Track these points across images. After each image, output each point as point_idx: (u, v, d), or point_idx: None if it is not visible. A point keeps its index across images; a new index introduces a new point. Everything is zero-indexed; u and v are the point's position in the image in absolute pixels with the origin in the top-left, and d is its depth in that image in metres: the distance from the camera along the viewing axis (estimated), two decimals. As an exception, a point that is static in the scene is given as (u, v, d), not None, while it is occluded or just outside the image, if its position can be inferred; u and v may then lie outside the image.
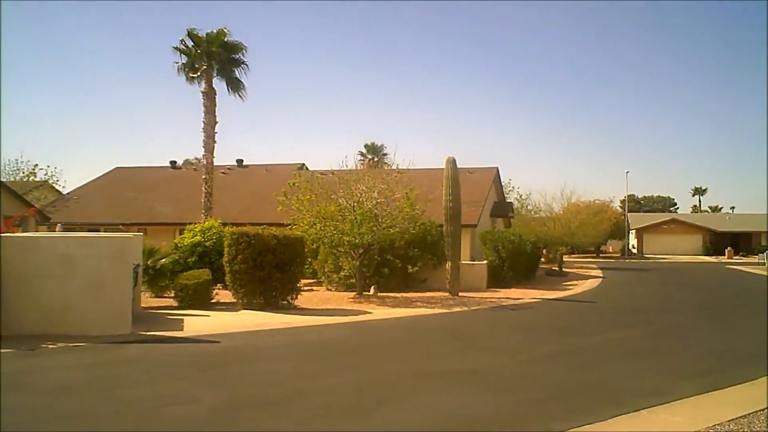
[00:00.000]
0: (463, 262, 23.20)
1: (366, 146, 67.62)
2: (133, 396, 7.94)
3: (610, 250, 71.50)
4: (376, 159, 56.77)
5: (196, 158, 47.23)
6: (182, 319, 14.44)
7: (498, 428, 6.72)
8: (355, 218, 19.29)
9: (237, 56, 28.41)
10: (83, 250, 12.18)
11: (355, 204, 20.21)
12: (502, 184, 41.40)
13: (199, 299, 16.53)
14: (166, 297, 18.35)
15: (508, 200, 43.25)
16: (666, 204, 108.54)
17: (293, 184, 20.70)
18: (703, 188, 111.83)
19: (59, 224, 26.91)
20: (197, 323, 14.09)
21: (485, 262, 25.17)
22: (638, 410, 7.32)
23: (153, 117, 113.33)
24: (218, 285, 18.44)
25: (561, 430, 6.55)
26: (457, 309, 17.83)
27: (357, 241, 19.49)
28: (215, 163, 29.69)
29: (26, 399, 7.68)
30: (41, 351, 10.65)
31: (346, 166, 23.07)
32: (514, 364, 10.33)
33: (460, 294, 21.28)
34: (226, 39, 27.78)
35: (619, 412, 7.21)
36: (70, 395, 7.96)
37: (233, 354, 10.94)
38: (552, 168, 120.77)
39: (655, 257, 63.31)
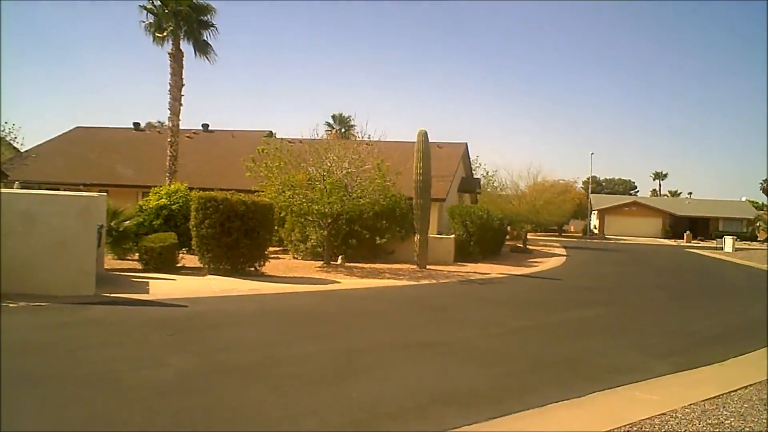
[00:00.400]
0: (431, 235, 23.17)
1: (333, 117, 67.07)
2: (100, 358, 7.67)
3: (572, 230, 72.56)
4: (343, 130, 56.29)
5: (159, 122, 46.08)
6: (147, 282, 14.09)
7: (477, 400, 6.66)
8: (325, 187, 19.02)
9: (206, 18, 27.54)
10: (46, 207, 11.71)
11: (324, 173, 19.93)
12: (470, 160, 41.39)
13: (164, 263, 16.14)
14: (128, 260, 17.92)
15: (476, 176, 43.23)
16: (627, 187, 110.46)
17: (262, 150, 20.29)
18: (664, 173, 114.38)
19: (16, 182, 26.00)
20: (163, 287, 13.76)
21: (453, 236, 25.18)
22: (615, 387, 7.35)
23: (116, 76, 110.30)
24: (183, 249, 18.06)
25: (541, 404, 6.53)
26: (426, 282, 17.81)
27: (326, 210, 19.25)
28: (181, 127, 28.88)
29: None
30: (2, 309, 10.25)
31: (317, 135, 22.75)
32: (488, 336, 10.32)
33: (428, 267, 21.28)
34: (194, 0, 26.94)
35: (597, 388, 7.23)
36: (35, 356, 7.65)
37: (201, 319, 10.69)
38: (517, 147, 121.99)
39: (616, 238, 64.42)
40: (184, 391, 6.57)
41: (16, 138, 43.37)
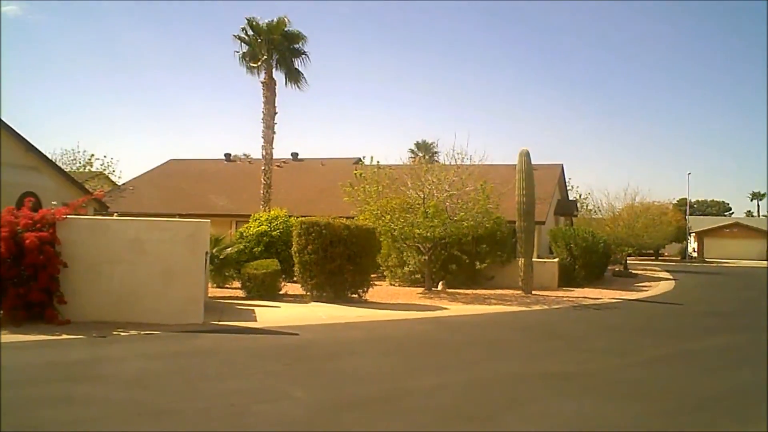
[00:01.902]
0: (534, 259, 22.00)
1: (417, 144, 66.60)
2: (219, 390, 7.12)
3: (667, 254, 68.95)
4: (426, 157, 55.76)
5: (245, 155, 46.54)
6: (253, 310, 13.68)
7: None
8: (427, 210, 18.27)
9: (297, 46, 27.65)
10: (155, 234, 11.47)
11: (425, 196, 19.21)
12: (566, 182, 39.88)
13: (266, 290, 15.76)
14: (228, 288, 17.66)
15: (571, 199, 41.59)
16: (721, 209, 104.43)
17: (360, 174, 19.78)
18: (762, 193, 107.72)
19: (115, 213, 26.54)
20: (269, 314, 13.30)
21: (556, 260, 23.90)
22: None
23: (207, 109, 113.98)
24: (283, 277, 17.64)
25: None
26: (537, 307, 16.69)
27: (428, 234, 18.45)
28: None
29: (104, 391, 6.92)
30: (113, 338, 9.96)
31: (402, 161, 22.16)
32: (628, 367, 9.21)
33: (533, 292, 20.12)
34: (286, 28, 27.08)
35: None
36: (151, 388, 7.17)
37: (316, 348, 10.08)
38: (610, 168, 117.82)
39: (717, 261, 60.68)
40: (316, 427, 5.90)
41: (113, 171, 45.45)
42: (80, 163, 42.20)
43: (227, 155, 43.42)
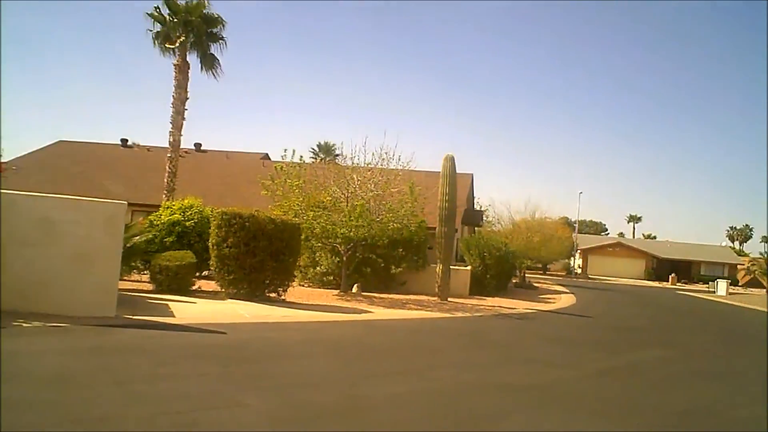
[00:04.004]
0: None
1: (318, 145, 65.74)
2: (158, 394, 6.20)
3: (552, 269, 71.61)
4: (327, 159, 55.00)
5: (135, 143, 43.22)
6: (167, 305, 12.53)
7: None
8: (354, 208, 17.60)
9: (216, 30, 26.18)
10: (69, 214, 10.12)
11: (349, 195, 18.58)
12: (473, 192, 40.41)
13: (179, 284, 14.56)
14: (132, 280, 16.19)
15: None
16: (598, 229, 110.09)
17: (281, 168, 18.83)
18: (639, 216, 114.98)
19: None
20: (187, 310, 12.22)
21: (469, 268, 23.91)
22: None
23: (99, 88, 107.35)
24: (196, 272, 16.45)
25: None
26: (460, 314, 16.47)
27: (352, 234, 17.79)
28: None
29: (22, 392, 5.81)
30: (15, 330, 8.64)
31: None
32: (582, 380, 9.02)
33: (449, 299, 19.93)
34: (205, 11, 25.61)
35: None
36: (79, 390, 6.12)
37: (251, 348, 9.22)
38: (512, 182, 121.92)
39: (600, 278, 63.69)
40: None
41: (-9, 147, 41.53)
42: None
43: (124, 141, 40.87)
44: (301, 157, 20.05)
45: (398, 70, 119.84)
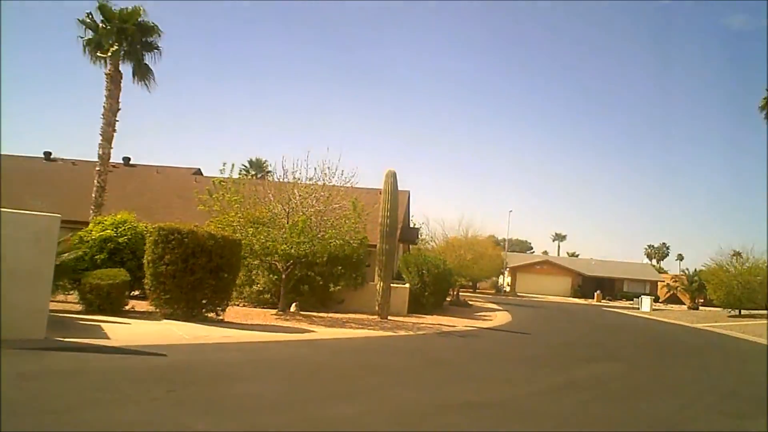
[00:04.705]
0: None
1: (250, 161, 64.81)
2: (108, 421, 5.78)
3: (480, 287, 72.53)
4: (259, 176, 54.23)
5: (62, 159, 41.16)
6: (100, 326, 11.85)
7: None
8: (296, 224, 17.21)
9: (151, 39, 25.30)
10: (-5, 227, 9.45)
11: (290, 211, 18.19)
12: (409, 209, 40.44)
13: (111, 304, 13.82)
14: (59, 301, 15.25)
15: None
16: (523, 248, 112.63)
17: (219, 182, 18.29)
18: (563, 234, 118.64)
19: None
20: (121, 332, 11.57)
21: (407, 285, 23.79)
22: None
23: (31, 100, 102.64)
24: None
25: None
26: (403, 333, 16.32)
27: (293, 251, 17.37)
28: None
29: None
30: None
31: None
32: (539, 395, 9.02)
33: (389, 318, 19.75)
34: (140, 19, 24.75)
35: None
36: (24, 416, 5.62)
37: (196, 371, 8.77)
38: (441, 198, 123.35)
39: (528, 296, 64.92)
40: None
41: None
42: None
43: (47, 153, 39.03)
44: (240, 171, 19.53)
45: (330, 85, 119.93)
